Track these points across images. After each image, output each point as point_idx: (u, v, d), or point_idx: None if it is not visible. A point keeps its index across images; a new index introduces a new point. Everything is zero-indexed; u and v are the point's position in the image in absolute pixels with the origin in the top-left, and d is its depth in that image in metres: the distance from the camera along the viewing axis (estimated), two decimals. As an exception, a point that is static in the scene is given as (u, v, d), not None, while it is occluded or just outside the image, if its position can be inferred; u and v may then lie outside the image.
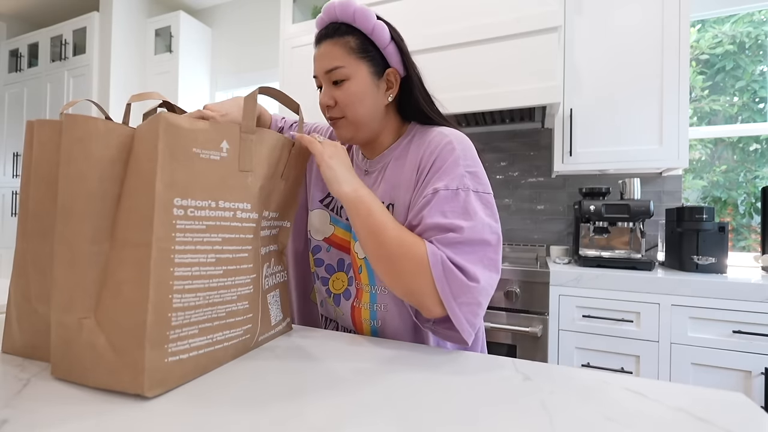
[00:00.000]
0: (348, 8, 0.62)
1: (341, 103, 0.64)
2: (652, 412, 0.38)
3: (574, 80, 1.62)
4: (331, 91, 0.65)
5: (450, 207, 0.57)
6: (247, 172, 0.48)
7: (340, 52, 0.63)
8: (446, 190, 0.58)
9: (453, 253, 0.54)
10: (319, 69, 0.66)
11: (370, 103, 0.65)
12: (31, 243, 0.46)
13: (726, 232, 1.38)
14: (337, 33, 0.64)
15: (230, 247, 0.46)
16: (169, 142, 0.40)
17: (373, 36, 0.64)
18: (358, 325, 0.69)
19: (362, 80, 0.64)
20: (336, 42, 0.63)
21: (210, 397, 0.39)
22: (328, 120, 0.69)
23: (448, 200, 0.57)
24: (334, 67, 0.63)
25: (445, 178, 0.59)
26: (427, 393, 0.41)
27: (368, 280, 0.66)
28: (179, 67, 2.64)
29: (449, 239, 0.54)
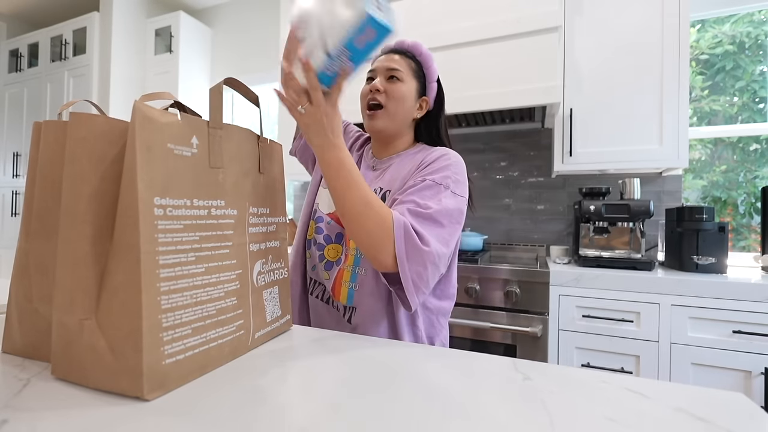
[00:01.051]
0: (419, 47, 0.83)
1: (389, 94, 0.78)
2: (652, 412, 0.38)
3: (574, 80, 1.62)
4: (385, 83, 0.79)
5: (428, 193, 0.69)
6: (218, 169, 0.48)
7: (405, 65, 0.80)
8: (432, 181, 0.70)
9: (416, 222, 0.64)
10: (382, 66, 0.80)
11: (406, 108, 0.80)
12: (34, 243, 0.46)
13: (726, 232, 1.38)
14: (406, 54, 0.82)
15: (208, 245, 0.46)
16: (146, 138, 0.39)
17: (427, 71, 0.83)
18: (337, 287, 0.78)
19: (409, 90, 0.80)
20: (404, 58, 0.81)
21: (210, 398, 0.39)
22: (368, 107, 0.80)
23: (428, 188, 0.69)
24: (397, 68, 0.79)
25: (434, 174, 0.71)
26: (426, 393, 0.41)
27: (355, 248, 0.76)
28: (179, 67, 2.64)
29: (417, 212, 0.66)
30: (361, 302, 0.75)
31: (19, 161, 2.95)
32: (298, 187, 2.59)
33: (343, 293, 0.77)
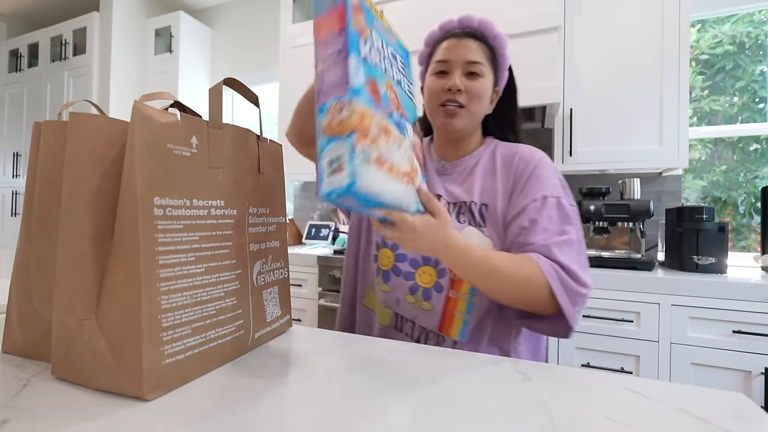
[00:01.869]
0: (492, 28, 0.71)
1: (470, 94, 0.69)
2: (652, 412, 0.38)
3: (574, 80, 1.62)
4: (464, 80, 0.69)
5: (554, 214, 0.64)
6: (217, 169, 0.48)
7: (482, 53, 0.70)
8: (553, 197, 0.65)
9: (564, 257, 0.60)
10: (460, 56, 0.69)
11: (485, 106, 0.72)
12: (34, 243, 0.46)
13: (726, 232, 1.38)
14: (479, 38, 0.70)
15: (208, 245, 0.46)
16: (146, 138, 0.39)
17: (500, 59, 0.73)
18: (448, 319, 0.67)
19: (488, 84, 0.71)
20: (480, 44, 0.70)
21: (210, 398, 0.39)
22: (444, 106, 0.69)
23: (552, 208, 0.65)
24: (477, 61, 0.69)
25: (545, 188, 0.66)
26: (426, 392, 0.41)
27: None
28: (179, 67, 2.64)
29: (560, 245, 0.61)
30: (476, 336, 0.67)
31: (19, 161, 2.95)
32: (298, 187, 2.59)
33: (456, 327, 0.67)
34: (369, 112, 0.43)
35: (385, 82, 0.48)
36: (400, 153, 0.47)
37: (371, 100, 0.44)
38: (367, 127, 0.42)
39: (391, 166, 0.45)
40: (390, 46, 0.50)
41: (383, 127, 0.45)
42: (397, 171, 0.46)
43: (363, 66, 0.43)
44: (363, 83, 0.43)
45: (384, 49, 0.49)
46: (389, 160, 0.45)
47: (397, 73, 0.50)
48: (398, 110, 0.49)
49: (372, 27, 0.47)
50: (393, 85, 0.49)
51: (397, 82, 0.50)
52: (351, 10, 0.43)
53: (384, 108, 0.46)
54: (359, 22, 0.44)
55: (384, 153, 0.44)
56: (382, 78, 0.47)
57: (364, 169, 0.40)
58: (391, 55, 0.50)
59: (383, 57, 0.48)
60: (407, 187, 0.47)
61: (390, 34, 0.51)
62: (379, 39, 0.48)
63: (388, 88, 0.48)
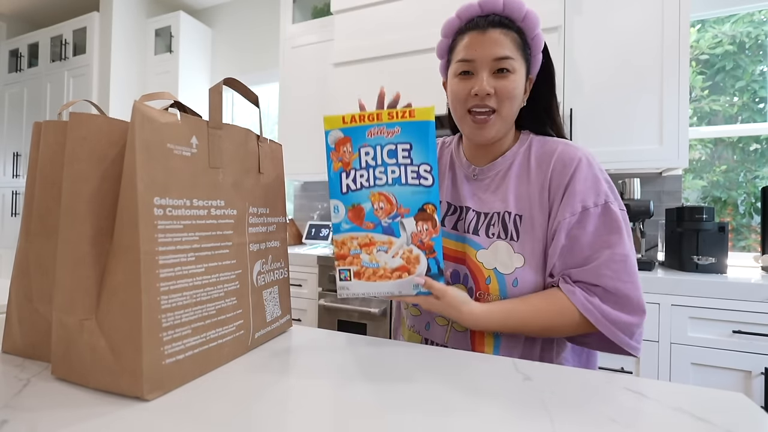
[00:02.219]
0: (521, 7, 0.61)
1: (501, 95, 0.61)
2: (652, 412, 0.38)
3: (574, 80, 1.62)
4: (493, 81, 0.61)
5: (602, 222, 0.59)
6: (217, 169, 0.48)
7: (510, 44, 0.61)
8: (595, 206, 0.59)
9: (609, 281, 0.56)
10: (486, 53, 0.60)
11: (518, 104, 0.64)
12: (34, 243, 0.46)
13: (726, 232, 1.38)
14: (506, 25, 0.61)
15: (208, 245, 0.46)
16: (146, 138, 0.39)
17: (532, 41, 0.63)
18: (479, 338, 0.65)
19: (520, 79, 0.62)
20: (507, 33, 0.61)
21: (210, 398, 0.39)
22: (474, 113, 0.63)
23: (598, 216, 0.59)
24: (506, 56, 0.60)
25: (589, 194, 0.59)
26: (426, 392, 0.41)
27: (498, 290, 0.63)
28: (179, 67, 2.64)
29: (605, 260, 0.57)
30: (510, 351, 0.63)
31: (19, 161, 2.95)
32: (298, 187, 2.59)
33: (488, 347, 0.64)
34: (347, 237, 0.56)
35: (374, 195, 0.56)
36: (390, 254, 0.56)
37: (351, 227, 0.56)
38: (345, 253, 0.56)
39: (374, 271, 0.56)
40: (389, 144, 0.55)
41: (364, 243, 0.56)
42: (384, 271, 0.56)
43: (343, 202, 0.56)
44: (342, 218, 0.56)
45: (379, 155, 0.55)
46: (371, 268, 0.56)
47: (398, 168, 0.55)
48: (390, 214, 0.56)
49: (360, 147, 0.55)
50: (385, 191, 0.56)
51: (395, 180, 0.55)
52: (330, 154, 0.56)
53: (367, 224, 0.56)
54: (342, 160, 0.56)
55: (365, 263, 0.56)
56: (367, 196, 0.56)
57: (346, 283, 0.56)
58: (387, 155, 0.55)
59: (376, 165, 0.55)
60: (400, 282, 0.56)
61: (390, 129, 0.55)
62: (372, 149, 0.55)
63: (376, 200, 0.56)
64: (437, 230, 0.56)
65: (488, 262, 0.64)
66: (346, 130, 0.55)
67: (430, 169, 0.56)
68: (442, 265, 0.56)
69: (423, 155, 0.56)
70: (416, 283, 0.56)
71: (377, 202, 0.56)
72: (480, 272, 0.65)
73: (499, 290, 0.63)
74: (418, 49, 1.76)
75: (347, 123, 0.55)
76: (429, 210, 0.56)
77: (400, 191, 0.56)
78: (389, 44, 1.83)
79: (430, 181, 0.56)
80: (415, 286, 0.56)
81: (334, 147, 0.56)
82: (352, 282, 0.56)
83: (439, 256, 0.56)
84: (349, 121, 0.55)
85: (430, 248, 0.56)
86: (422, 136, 0.55)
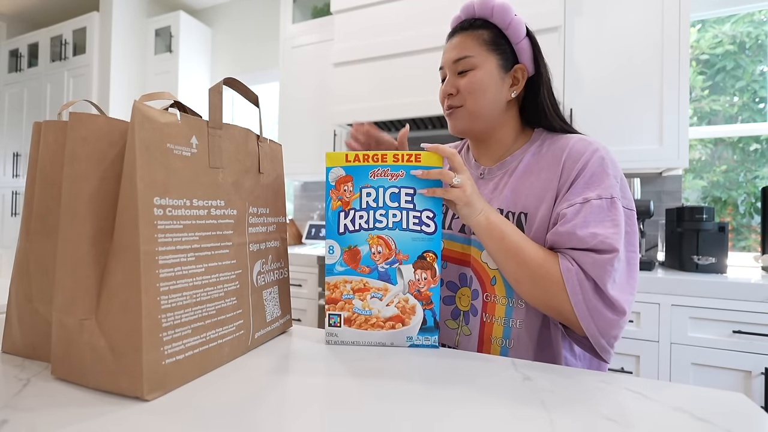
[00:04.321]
0: (487, 4, 0.64)
1: (463, 91, 0.64)
2: (652, 412, 0.38)
3: (574, 80, 1.62)
4: (454, 80, 0.66)
5: (603, 216, 0.55)
6: (217, 169, 0.48)
7: (472, 44, 0.64)
8: (599, 199, 0.56)
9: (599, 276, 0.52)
10: (447, 59, 0.67)
11: (492, 95, 0.64)
12: (34, 243, 0.46)
13: (726, 232, 1.38)
14: (472, 26, 0.65)
15: (208, 245, 0.46)
16: (146, 138, 0.39)
17: (508, 31, 0.64)
18: (486, 345, 0.63)
19: (488, 71, 0.64)
20: (470, 34, 0.65)
21: (210, 398, 0.39)
22: (446, 111, 0.69)
23: (600, 209, 0.55)
24: (463, 56, 0.64)
25: (596, 187, 0.57)
26: (426, 392, 0.41)
27: (505, 291, 0.62)
28: (179, 67, 2.65)
29: (595, 261, 0.53)
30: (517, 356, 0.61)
31: (19, 161, 2.95)
32: (298, 187, 2.59)
33: (494, 351, 0.63)
34: (341, 280, 0.55)
35: (373, 238, 0.54)
36: (384, 302, 0.54)
37: (346, 270, 0.55)
38: (337, 297, 0.55)
39: (366, 319, 0.55)
40: (392, 186, 0.54)
41: (358, 288, 0.55)
42: (376, 320, 0.54)
43: (339, 242, 0.55)
44: (337, 259, 0.55)
45: (381, 197, 0.54)
46: (363, 315, 0.55)
47: (399, 212, 0.54)
48: (388, 259, 0.54)
49: (362, 187, 0.54)
50: (385, 235, 0.54)
51: (396, 224, 0.54)
52: (330, 192, 0.55)
53: (363, 268, 0.55)
54: (342, 198, 0.55)
55: (357, 309, 0.54)
56: (365, 238, 0.54)
57: (335, 329, 0.55)
58: (390, 198, 0.54)
59: (377, 207, 0.54)
60: (393, 333, 0.54)
61: (395, 172, 0.54)
62: (374, 191, 0.54)
63: (375, 243, 0.54)
64: (436, 280, 0.54)
65: (492, 262, 0.63)
66: (348, 169, 0.54)
67: (433, 215, 0.54)
68: (438, 317, 0.55)
69: (426, 201, 0.54)
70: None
71: (375, 245, 0.54)
72: (485, 273, 0.64)
73: (506, 290, 0.62)
74: (418, 49, 1.76)
75: (350, 161, 0.54)
76: (429, 258, 0.54)
77: (400, 236, 0.54)
78: (389, 44, 1.83)
79: (432, 228, 0.54)
80: (408, 338, 0.54)
81: (334, 185, 0.54)
82: (342, 329, 0.54)
83: (436, 307, 0.54)
84: (352, 160, 0.54)
85: (428, 299, 0.54)
86: (426, 182, 0.54)
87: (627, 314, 0.53)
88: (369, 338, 0.54)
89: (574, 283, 0.53)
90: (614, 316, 0.53)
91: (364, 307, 0.54)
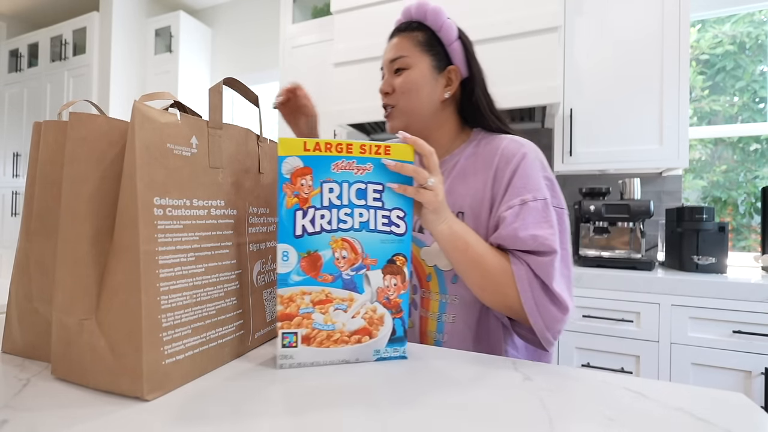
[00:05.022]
0: (422, 7, 0.68)
1: (398, 90, 0.67)
2: (652, 412, 0.38)
3: (574, 80, 1.62)
4: (391, 79, 0.69)
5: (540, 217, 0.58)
6: (217, 169, 0.48)
7: (407, 45, 0.67)
8: (534, 200, 0.59)
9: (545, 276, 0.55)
10: (385, 59, 0.70)
11: (426, 95, 0.67)
12: (34, 243, 0.46)
13: (726, 232, 1.38)
14: (408, 28, 0.69)
15: (208, 245, 0.46)
16: (146, 138, 0.39)
17: (441, 33, 0.67)
18: (424, 338, 0.67)
19: (422, 71, 0.66)
20: (406, 36, 0.68)
21: (210, 398, 0.39)
22: (384, 109, 0.71)
23: (536, 211, 0.58)
24: (399, 56, 0.67)
25: (531, 189, 0.59)
26: (425, 392, 0.41)
27: (438, 288, 0.65)
28: (179, 67, 2.64)
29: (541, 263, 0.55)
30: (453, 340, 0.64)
31: (19, 161, 2.95)
32: (298, 187, 2.58)
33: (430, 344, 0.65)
34: (297, 292, 0.47)
35: (336, 241, 0.48)
36: (350, 313, 0.48)
37: (304, 279, 0.47)
38: (292, 313, 0.47)
39: (328, 335, 0.48)
40: (358, 182, 0.48)
41: (319, 300, 0.47)
42: (340, 335, 0.48)
43: (295, 247, 0.47)
44: (293, 268, 0.47)
45: (345, 193, 0.48)
46: (325, 330, 0.48)
47: (367, 211, 0.48)
48: (353, 265, 0.48)
49: (323, 181, 0.47)
50: (350, 237, 0.48)
51: (363, 225, 0.48)
52: (283, 186, 0.46)
53: (325, 276, 0.47)
54: (298, 195, 0.46)
55: (317, 325, 0.47)
56: (327, 242, 0.47)
57: (289, 350, 0.47)
58: (356, 194, 0.48)
59: (341, 206, 0.48)
60: (358, 347, 0.49)
61: (361, 165, 0.48)
62: (337, 186, 0.47)
63: (339, 247, 0.48)
64: (406, 286, 0.50)
65: (429, 259, 0.66)
66: (306, 159, 0.46)
67: (403, 215, 0.49)
68: (407, 325, 0.50)
69: (396, 199, 0.49)
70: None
71: (339, 249, 0.48)
72: (422, 270, 0.67)
73: (439, 287, 0.65)
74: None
75: (309, 150, 0.46)
76: (399, 262, 0.49)
77: (367, 238, 0.48)
78: (389, 44, 1.82)
79: (402, 228, 0.49)
80: (376, 351, 0.49)
81: (289, 178, 0.46)
82: (299, 348, 0.46)
83: (406, 315, 0.50)
84: (311, 149, 0.46)
85: (397, 307, 0.49)
86: (397, 178, 0.49)
87: (570, 310, 0.56)
88: (331, 357, 0.48)
89: (524, 283, 0.55)
90: (559, 312, 0.55)
91: (326, 322, 0.47)
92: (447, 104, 0.70)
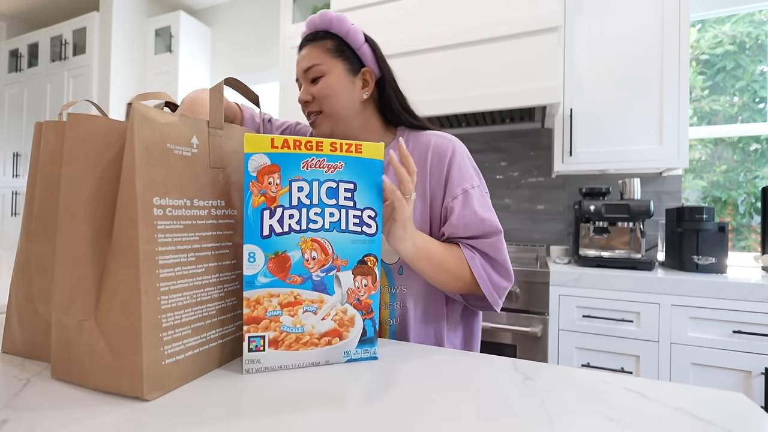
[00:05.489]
0: (325, 16, 0.70)
1: (318, 97, 0.69)
2: (652, 412, 0.38)
3: (574, 80, 1.62)
4: (308, 88, 0.70)
5: (482, 202, 0.66)
6: (218, 169, 0.48)
7: (318, 53, 0.69)
8: (472, 188, 0.66)
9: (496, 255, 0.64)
10: (299, 70, 0.71)
11: (346, 98, 0.69)
12: (35, 243, 0.46)
13: (726, 232, 1.38)
14: (316, 38, 0.70)
15: (209, 245, 0.46)
16: (145, 138, 0.39)
17: (348, 38, 0.70)
18: (380, 326, 0.70)
19: (337, 76, 0.69)
20: (315, 45, 0.70)
21: (210, 398, 0.39)
22: (308, 118, 0.73)
23: (477, 197, 0.66)
24: (312, 65, 0.69)
25: (468, 178, 0.67)
26: (425, 392, 0.41)
27: (387, 281, 0.69)
28: (179, 67, 2.64)
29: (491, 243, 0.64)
30: (403, 332, 0.69)
31: (19, 161, 2.95)
32: (298, 187, 2.58)
33: (385, 330, 0.70)
34: (265, 295, 0.46)
35: (306, 242, 0.47)
36: (320, 315, 0.48)
37: (272, 281, 0.46)
38: (259, 316, 0.45)
39: (297, 338, 0.47)
40: (329, 180, 0.47)
41: (288, 303, 0.46)
42: (310, 337, 0.47)
43: (262, 248, 0.45)
44: (260, 269, 0.45)
45: (315, 192, 0.47)
46: (294, 333, 0.47)
47: (338, 211, 0.48)
48: (324, 266, 0.47)
49: (292, 180, 0.46)
50: (320, 237, 0.47)
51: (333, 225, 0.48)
52: (250, 185, 0.44)
53: (294, 278, 0.46)
54: (265, 193, 0.45)
55: (285, 328, 0.46)
56: (296, 242, 0.46)
57: (256, 354, 0.45)
58: (326, 193, 0.47)
59: (311, 205, 0.47)
60: (328, 349, 0.48)
61: (332, 164, 0.47)
62: (307, 185, 0.46)
63: (308, 248, 0.47)
64: (377, 286, 0.49)
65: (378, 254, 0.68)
66: (274, 157, 0.45)
67: (374, 215, 0.49)
68: (377, 326, 0.50)
69: (368, 198, 0.49)
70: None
71: (309, 250, 0.47)
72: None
73: (388, 280, 0.69)
74: (417, 49, 1.76)
75: (277, 147, 0.45)
76: (370, 263, 0.49)
77: (338, 239, 0.47)
78: (389, 44, 1.82)
79: (373, 229, 0.49)
80: (346, 353, 0.49)
81: (255, 176, 0.44)
82: (266, 353, 0.45)
83: (376, 316, 0.50)
84: (279, 146, 0.45)
85: (368, 308, 0.49)
86: (369, 176, 0.48)
87: (513, 280, 0.66)
88: (299, 359, 0.47)
89: (479, 267, 0.63)
90: (507, 282, 0.66)
91: (295, 324, 0.46)
92: (367, 105, 0.73)
